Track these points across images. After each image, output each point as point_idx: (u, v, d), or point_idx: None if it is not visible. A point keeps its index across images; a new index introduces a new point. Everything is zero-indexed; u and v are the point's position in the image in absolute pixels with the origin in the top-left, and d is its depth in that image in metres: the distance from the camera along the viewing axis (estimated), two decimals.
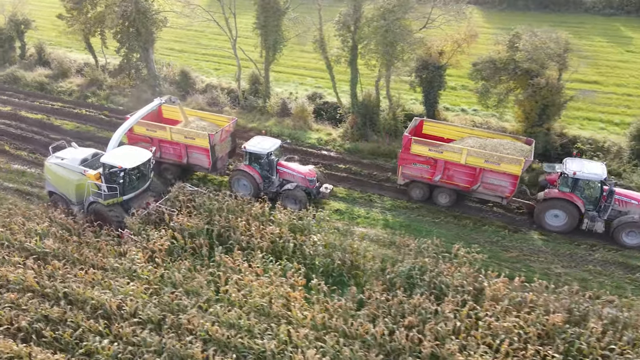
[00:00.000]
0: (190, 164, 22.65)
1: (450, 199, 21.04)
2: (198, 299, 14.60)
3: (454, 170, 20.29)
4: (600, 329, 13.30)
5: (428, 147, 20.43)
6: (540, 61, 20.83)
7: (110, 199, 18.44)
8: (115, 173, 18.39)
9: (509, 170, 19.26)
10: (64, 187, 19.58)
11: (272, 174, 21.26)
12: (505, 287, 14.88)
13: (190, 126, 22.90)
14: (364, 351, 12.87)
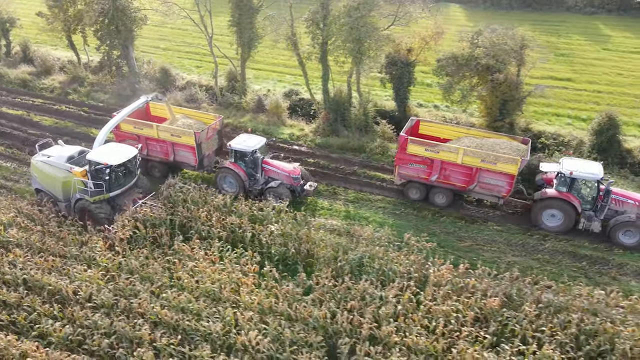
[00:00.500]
0: (177, 162, 22.74)
1: (447, 199, 21.00)
2: (151, 284, 15.13)
3: (450, 170, 20.30)
4: (534, 312, 13.85)
5: (424, 147, 20.41)
6: (498, 57, 21.33)
7: (97, 195, 18.55)
8: (101, 170, 18.50)
9: (506, 169, 19.30)
10: (50, 185, 19.65)
11: (257, 172, 21.38)
12: (449, 274, 15.42)
13: (177, 124, 22.99)
14: (306, 333, 13.40)
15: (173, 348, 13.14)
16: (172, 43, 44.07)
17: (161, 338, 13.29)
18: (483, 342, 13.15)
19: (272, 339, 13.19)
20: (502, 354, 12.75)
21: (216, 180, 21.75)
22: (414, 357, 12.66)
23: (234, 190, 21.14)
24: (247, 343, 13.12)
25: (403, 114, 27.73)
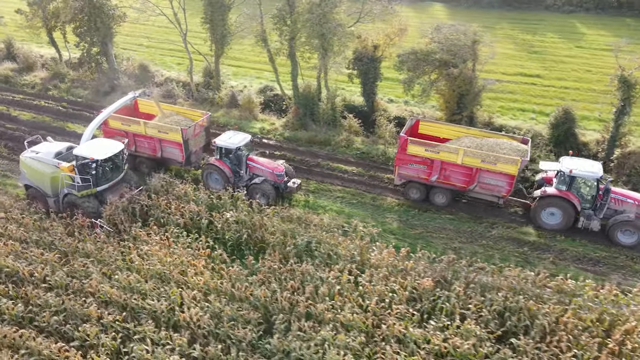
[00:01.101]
0: (164, 158, 22.93)
1: (447, 199, 21.05)
2: (104, 266, 15.88)
3: (450, 170, 20.31)
4: (463, 291, 14.59)
5: (424, 148, 20.44)
6: (452, 52, 22.06)
7: (84, 190, 18.90)
8: (87, 165, 18.73)
9: (506, 170, 19.33)
10: (39, 180, 19.87)
11: (241, 168, 21.62)
12: (389, 257, 16.16)
13: (166, 120, 23.22)
14: (246, 310, 14.14)
15: (118, 324, 13.86)
16: (155, 41, 44.80)
17: (108, 315, 14.01)
18: (412, 318, 13.87)
19: (212, 316, 13.92)
20: (427, 328, 13.47)
21: (202, 177, 22.04)
22: (345, 332, 13.36)
23: (220, 187, 21.24)
24: (189, 320, 13.86)
25: (371, 109, 28.51)
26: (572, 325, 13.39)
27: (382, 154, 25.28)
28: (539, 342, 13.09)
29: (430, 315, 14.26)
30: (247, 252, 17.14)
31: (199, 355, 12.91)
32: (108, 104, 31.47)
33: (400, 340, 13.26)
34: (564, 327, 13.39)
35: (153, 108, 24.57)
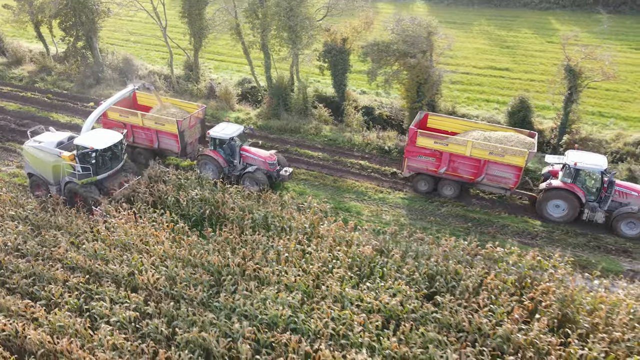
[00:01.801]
0: (161, 149, 23.64)
1: (454, 190, 21.47)
2: (72, 237, 17.22)
3: (459, 162, 20.69)
4: (400, 257, 15.94)
5: (433, 140, 20.87)
6: (409, 43, 23.37)
7: (85, 178, 19.57)
8: (87, 154, 19.37)
9: (513, 162, 19.73)
10: (41, 169, 20.51)
11: (235, 158, 22.31)
12: (337, 229, 17.49)
13: (163, 112, 23.81)
14: (199, 274, 15.48)
15: (82, 286, 15.19)
16: (142, 36, 46.14)
17: (73, 278, 15.35)
18: (350, 281, 15.21)
19: (167, 278, 15.26)
20: (362, 288, 14.81)
21: (197, 167, 22.74)
22: (287, 292, 14.70)
23: (215, 176, 21.90)
24: (146, 282, 15.19)
25: (342, 99, 29.85)
26: (494, 286, 14.73)
27: (348, 140, 26.65)
28: (462, 300, 14.42)
29: (367, 278, 15.59)
30: (207, 226, 18.45)
31: (153, 311, 14.24)
32: (92, 96, 33.27)
33: (337, 300, 14.58)
34: (485, 288, 14.72)
35: (151, 101, 25.34)
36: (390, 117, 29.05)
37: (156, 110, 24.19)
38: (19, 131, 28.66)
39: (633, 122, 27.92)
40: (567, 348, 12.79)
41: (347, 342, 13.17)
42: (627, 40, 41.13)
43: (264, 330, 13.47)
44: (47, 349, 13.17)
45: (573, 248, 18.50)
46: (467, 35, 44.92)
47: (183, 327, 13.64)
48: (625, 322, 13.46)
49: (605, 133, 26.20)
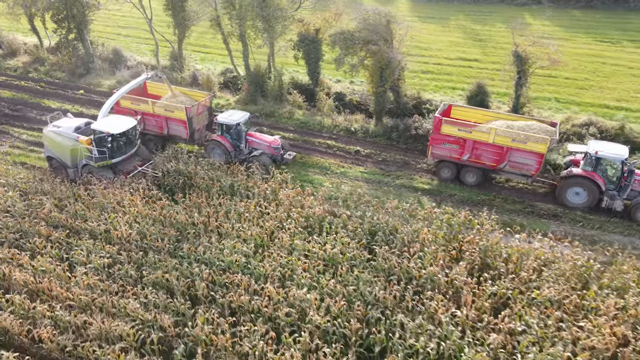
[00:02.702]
0: (170, 135, 24.68)
1: (477, 177, 21.95)
2: (57, 201, 19.22)
3: (482, 149, 21.14)
4: (347, 217, 17.93)
5: (457, 128, 21.42)
6: (370, 31, 25.32)
7: (101, 161, 20.95)
8: (104, 138, 20.69)
9: (535, 148, 20.15)
10: (60, 152, 21.68)
11: (241, 143, 23.52)
12: (295, 195, 19.48)
13: (173, 100, 24.84)
14: (168, 230, 17.47)
15: (63, 240, 17.18)
16: (133, 29, 48.09)
17: (55, 233, 17.34)
18: (301, 235, 17.18)
19: (138, 233, 17.25)
20: (309, 239, 16.81)
21: (206, 152, 23.92)
22: (241, 241, 16.71)
23: (222, 160, 22.93)
24: (120, 236, 17.18)
25: (316, 86, 31.82)
26: (426, 239, 16.72)
27: (318, 123, 28.64)
28: (397, 250, 16.40)
29: (317, 234, 17.57)
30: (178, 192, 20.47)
31: (125, 259, 16.21)
32: (82, 85, 35.22)
33: (288, 250, 16.57)
34: (418, 240, 16.71)
35: (160, 90, 26.55)
36: (359, 103, 30.99)
37: (167, 99, 25.40)
38: (12, 115, 30.64)
39: (585, 107, 29.91)
40: (480, 286, 14.78)
41: (292, 282, 15.15)
42: (594, 34, 43.17)
43: (220, 273, 15.46)
44: (30, 288, 15.15)
45: (509, 213, 20.52)
46: (443, 29, 46.98)
47: (150, 271, 15.64)
48: (534, 267, 15.46)
49: (557, 116, 28.18)
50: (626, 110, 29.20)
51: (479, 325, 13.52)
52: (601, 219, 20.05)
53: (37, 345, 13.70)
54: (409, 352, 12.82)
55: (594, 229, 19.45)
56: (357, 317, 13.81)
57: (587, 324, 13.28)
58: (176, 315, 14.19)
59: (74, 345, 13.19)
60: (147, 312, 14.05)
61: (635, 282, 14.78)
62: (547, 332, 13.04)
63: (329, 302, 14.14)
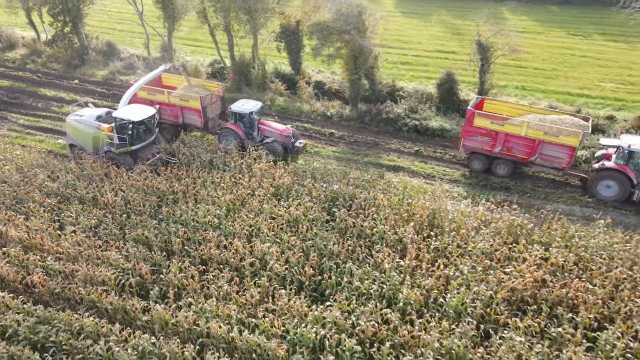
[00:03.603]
0: (185, 124, 25.64)
1: (508, 169, 22.30)
2: (49, 172, 21.11)
3: (513, 142, 21.48)
4: (312, 185, 19.80)
5: (490, 120, 21.77)
6: (343, 21, 27.16)
7: (121, 148, 22.03)
8: (125, 125, 21.78)
9: (567, 142, 20.38)
10: (82, 139, 22.78)
11: (254, 131, 24.42)
12: (267, 168, 21.33)
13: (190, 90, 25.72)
14: (148, 196, 19.32)
15: (55, 205, 19.04)
16: (128, 25, 50.03)
17: (48, 200, 19.20)
18: (269, 201, 19.03)
19: (123, 199, 19.13)
20: (277, 204, 18.69)
21: (219, 139, 24.81)
22: (215, 206, 18.57)
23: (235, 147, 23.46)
24: (107, 202, 19.03)
25: (297, 75, 33.68)
26: (382, 204, 18.57)
27: (297, 109, 30.50)
28: (354, 212, 18.26)
29: (284, 200, 19.44)
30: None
31: (109, 221, 18.06)
32: (77, 75, 37.06)
33: (256, 213, 18.43)
34: (375, 205, 18.56)
35: (174, 81, 27.56)
36: (338, 91, 32.86)
37: (182, 88, 26.23)
38: (10, 103, 32.48)
39: (549, 94, 31.81)
40: (423, 242, 16.66)
41: (257, 239, 17.01)
42: (568, 28, 45.11)
43: (194, 232, 17.33)
44: (24, 244, 17.00)
45: (465, 186, 22.39)
46: (425, 23, 48.91)
47: (131, 229, 17.50)
48: (474, 226, 17.33)
49: (521, 102, 30.04)
50: (587, 97, 31.11)
51: (418, 272, 15.36)
52: (547, 190, 21.95)
53: (30, 291, 15.54)
54: (355, 293, 14.66)
55: (540, 199, 21.33)
56: (312, 266, 15.66)
57: (512, 270, 15.13)
58: (153, 265, 16.03)
59: (62, 288, 15.03)
60: (128, 262, 15.89)
61: (562, 237, 16.66)
62: (476, 276, 14.90)
63: (288, 254, 16.00)
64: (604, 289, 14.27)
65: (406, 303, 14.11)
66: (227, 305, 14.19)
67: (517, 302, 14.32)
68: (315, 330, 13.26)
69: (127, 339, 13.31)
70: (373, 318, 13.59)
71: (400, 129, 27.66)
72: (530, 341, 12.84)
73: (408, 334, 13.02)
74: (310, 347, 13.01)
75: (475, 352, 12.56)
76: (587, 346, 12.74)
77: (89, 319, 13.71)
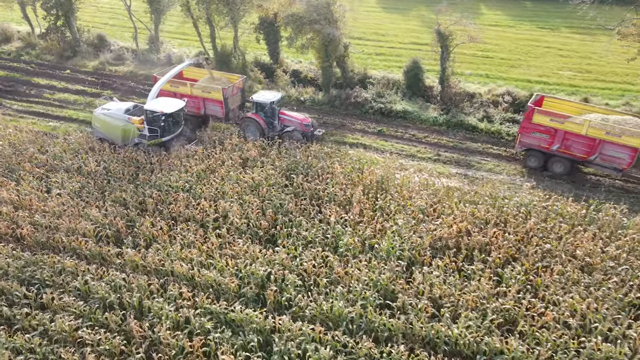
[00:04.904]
0: (207, 115, 26.42)
1: (565, 168, 21.93)
2: (38, 146, 23.26)
3: (572, 140, 21.13)
4: (275, 156, 21.96)
5: (550, 117, 21.51)
6: (313, 12, 29.31)
7: (152, 140, 22.83)
8: (157, 117, 22.45)
9: (630, 142, 19.92)
10: (111, 132, 23.43)
11: (274, 120, 25.06)
12: (237, 142, 23.48)
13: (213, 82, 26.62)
14: (128, 167, 21.47)
15: (42, 174, 21.18)
16: (120, 20, 52.16)
17: (37, 169, 21.33)
18: (237, 169, 21.19)
19: (104, 168, 21.28)
20: (241, 171, 20.88)
21: (241, 128, 25.51)
22: (187, 174, 20.74)
23: (256, 137, 24.52)
24: (89, 171, 21.17)
25: (276, 65, 35.85)
26: (336, 172, 20.73)
27: None
28: (309, 178, 20.42)
29: (250, 169, 21.61)
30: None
31: (92, 186, 20.19)
32: (70, 66, 39.17)
33: (223, 178, 20.58)
34: (330, 172, 20.72)
35: (194, 74, 28.50)
36: (313, 79, 35.01)
37: (204, 80, 27.14)
38: (5, 90, 34.54)
39: (510, 81, 33.94)
40: (368, 200, 18.85)
41: (222, 199, 19.17)
42: (537, 21, 47.37)
43: (166, 194, 19.49)
44: (14, 204, 19.13)
45: (419, 160, 24.56)
46: (404, 18, 51.11)
47: (110, 192, 19.65)
48: (416, 188, 19.51)
49: (483, 89, 32.25)
50: (544, 84, 33.33)
51: (361, 225, 17.52)
52: (492, 163, 24.13)
53: (19, 242, 17.67)
54: (302, 241, 16.82)
55: (484, 171, 23.49)
56: (267, 220, 17.82)
57: (442, 222, 17.31)
58: (128, 221, 18.19)
59: (47, 239, 17.17)
60: (105, 218, 18.04)
61: (492, 196, 18.84)
62: (409, 226, 17.08)
63: (248, 211, 18.16)
64: (516, 236, 16.45)
65: (346, 249, 16.26)
66: (190, 250, 16.34)
67: (443, 248, 16.47)
68: (264, 269, 15.41)
69: (102, 276, 15.45)
70: (315, 260, 15.74)
71: (367, 111, 29.87)
72: (446, 276, 15.01)
73: (342, 270, 15.17)
74: (258, 282, 15.16)
75: (397, 284, 14.72)
76: (495, 280, 14.93)
77: (70, 260, 15.84)
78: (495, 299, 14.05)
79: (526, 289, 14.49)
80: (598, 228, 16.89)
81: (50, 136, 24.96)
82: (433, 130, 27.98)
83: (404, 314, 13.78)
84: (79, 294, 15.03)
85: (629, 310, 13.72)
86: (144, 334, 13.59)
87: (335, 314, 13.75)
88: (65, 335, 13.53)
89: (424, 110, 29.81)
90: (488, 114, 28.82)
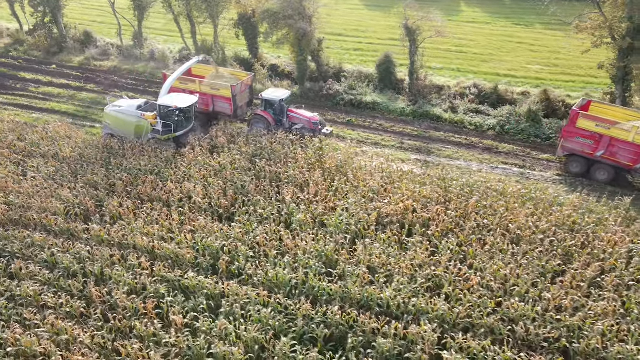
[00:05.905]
0: (215, 112, 26.32)
1: (609, 175, 21.16)
2: (17, 134, 24.45)
3: (618, 147, 20.38)
4: (243, 143, 23.16)
5: (595, 123, 20.82)
6: (286, 7, 30.49)
7: (166, 134, 23.28)
8: (171, 112, 22.93)
9: None
10: (123, 129, 23.70)
11: (283, 117, 25.31)
12: (224, 134, 24.68)
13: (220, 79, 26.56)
14: (101, 153, 22.66)
15: (20, 159, 22.34)
16: (107, 17, 53.23)
17: (13, 155, 22.52)
18: (203, 155, 22.37)
19: (79, 154, 22.47)
20: (209, 156, 22.06)
21: (249, 125, 25.98)
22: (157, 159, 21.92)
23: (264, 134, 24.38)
24: (65, 157, 22.34)
25: (255, 59, 37.03)
26: (299, 157, 21.90)
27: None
28: (272, 162, 21.61)
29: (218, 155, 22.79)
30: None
31: (66, 170, 21.35)
32: (56, 61, 40.33)
33: (191, 163, 21.78)
34: (293, 157, 21.90)
35: (203, 71, 28.56)
36: (290, 73, 36.20)
37: (212, 76, 27.05)
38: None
39: (480, 75, 35.22)
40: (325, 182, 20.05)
41: (187, 181, 20.36)
42: (513, 18, 48.61)
43: (135, 177, 20.67)
44: None
45: (384, 147, 25.76)
46: (385, 15, 52.20)
47: (83, 175, 20.84)
48: (371, 172, 20.71)
49: (453, 82, 33.47)
50: (512, 77, 34.61)
51: (314, 204, 18.70)
52: (451, 150, 25.33)
53: None
54: (259, 218, 18.01)
55: (443, 157, 24.70)
56: (228, 200, 19.01)
57: (389, 201, 18.50)
58: (98, 201, 19.36)
59: (20, 216, 18.34)
60: (76, 198, 19.21)
61: (440, 178, 20.04)
62: (359, 205, 18.26)
63: (210, 191, 19.35)
64: (457, 213, 17.65)
65: (298, 225, 17.45)
66: (152, 226, 17.51)
67: (388, 224, 17.65)
68: (220, 242, 16.59)
69: (69, 249, 16.62)
70: (267, 234, 16.93)
71: (338, 103, 31.09)
72: (386, 247, 16.20)
73: (291, 243, 16.36)
74: (213, 253, 16.34)
75: (341, 255, 15.91)
76: (431, 251, 16.13)
77: (39, 235, 17.02)
78: (428, 267, 15.23)
79: (458, 259, 15.68)
80: (533, 205, 18.08)
81: (30, 126, 26.11)
82: (400, 120, 29.22)
83: (342, 280, 14.96)
84: (46, 265, 16.19)
85: (548, 276, 14.91)
86: (103, 299, 14.76)
87: (279, 280, 14.93)
88: (30, 300, 14.69)
89: (393, 101, 31.02)
90: (454, 105, 30.06)
